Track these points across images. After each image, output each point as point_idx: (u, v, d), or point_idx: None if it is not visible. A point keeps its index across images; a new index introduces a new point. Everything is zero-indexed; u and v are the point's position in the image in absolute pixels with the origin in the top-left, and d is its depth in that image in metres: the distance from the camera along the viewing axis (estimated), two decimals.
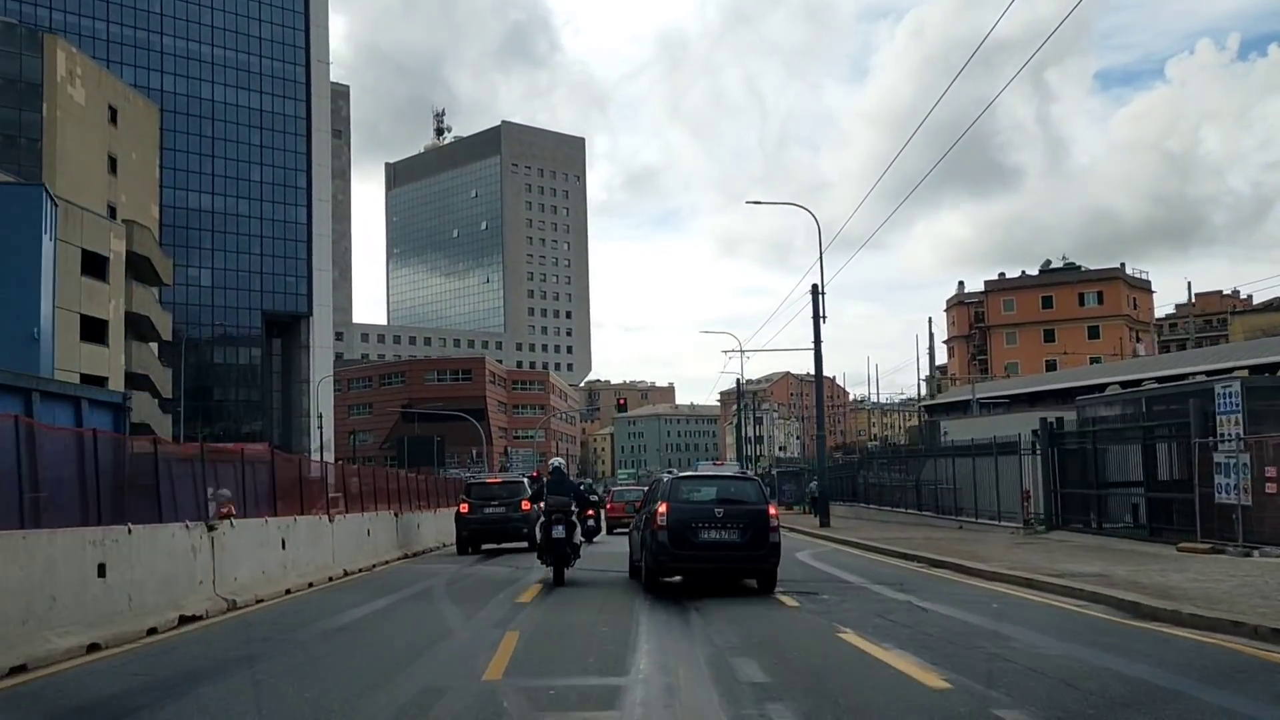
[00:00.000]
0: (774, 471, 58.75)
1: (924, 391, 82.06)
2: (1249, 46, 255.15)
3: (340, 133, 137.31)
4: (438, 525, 26.96)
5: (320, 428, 75.76)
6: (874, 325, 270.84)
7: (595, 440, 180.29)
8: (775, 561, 13.35)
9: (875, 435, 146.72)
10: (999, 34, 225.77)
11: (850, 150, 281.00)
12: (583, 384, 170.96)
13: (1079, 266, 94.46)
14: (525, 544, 21.57)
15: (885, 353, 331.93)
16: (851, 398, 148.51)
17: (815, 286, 28.62)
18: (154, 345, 55.68)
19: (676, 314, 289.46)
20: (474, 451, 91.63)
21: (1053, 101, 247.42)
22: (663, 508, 13.28)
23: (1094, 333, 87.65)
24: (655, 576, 13.64)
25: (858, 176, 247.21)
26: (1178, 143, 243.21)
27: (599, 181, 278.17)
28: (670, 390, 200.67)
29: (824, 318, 28.20)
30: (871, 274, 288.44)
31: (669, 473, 15.88)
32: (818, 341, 28.89)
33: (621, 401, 56.70)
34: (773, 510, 13.57)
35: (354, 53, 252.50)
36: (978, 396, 37.95)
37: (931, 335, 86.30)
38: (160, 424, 51.51)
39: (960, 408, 45.54)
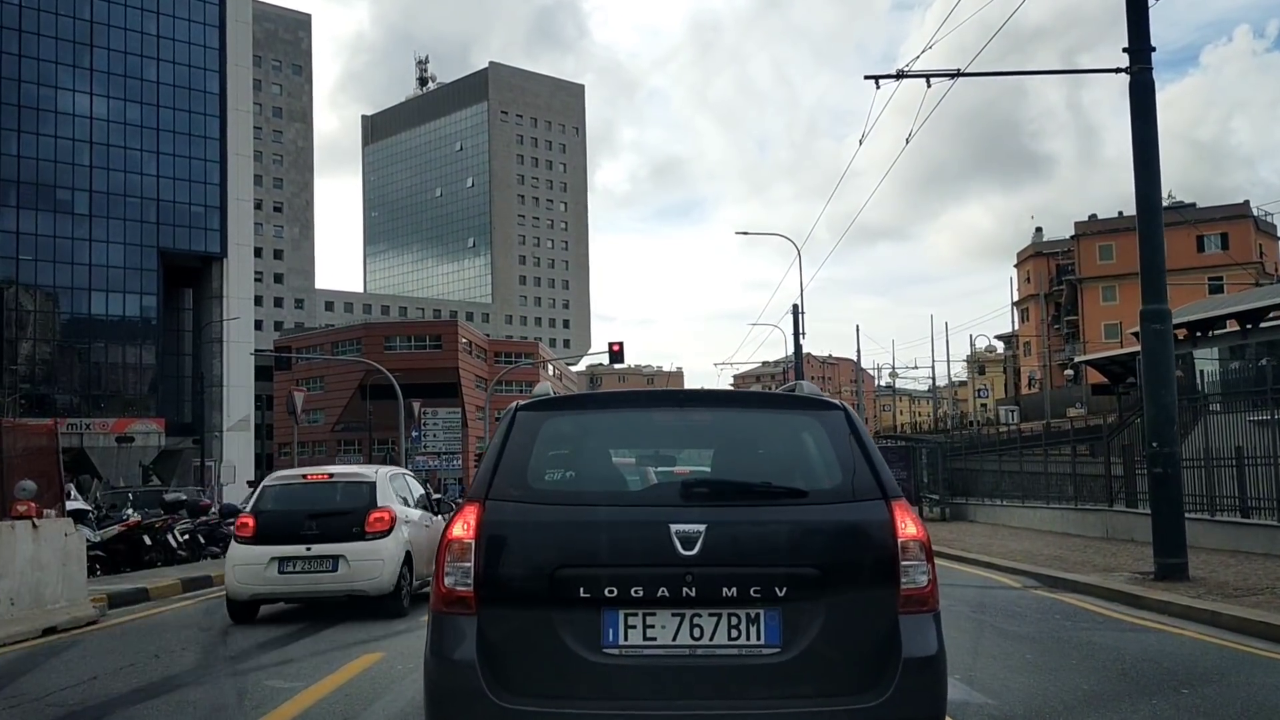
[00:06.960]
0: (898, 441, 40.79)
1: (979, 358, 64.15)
2: None
3: (300, 68, 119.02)
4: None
5: (226, 398, 58.20)
6: (881, 319, 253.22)
7: None
8: None
9: (908, 424, 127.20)
10: (1032, 20, 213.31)
11: (877, 140, 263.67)
12: (584, 366, 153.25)
13: (1191, 204, 76.21)
14: None
15: (885, 346, 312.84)
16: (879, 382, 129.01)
17: None
18: None
19: (693, 307, 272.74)
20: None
21: (1084, 88, 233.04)
22: (465, 527, 3.23)
23: (1216, 286, 69.28)
24: None
25: (882, 166, 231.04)
26: (1207, 132, 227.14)
27: (623, 173, 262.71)
28: (679, 375, 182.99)
29: None
30: (887, 265, 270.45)
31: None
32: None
33: (615, 348, 39.08)
34: (911, 525, 3.31)
35: (383, 36, 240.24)
36: None
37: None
38: None
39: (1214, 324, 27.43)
